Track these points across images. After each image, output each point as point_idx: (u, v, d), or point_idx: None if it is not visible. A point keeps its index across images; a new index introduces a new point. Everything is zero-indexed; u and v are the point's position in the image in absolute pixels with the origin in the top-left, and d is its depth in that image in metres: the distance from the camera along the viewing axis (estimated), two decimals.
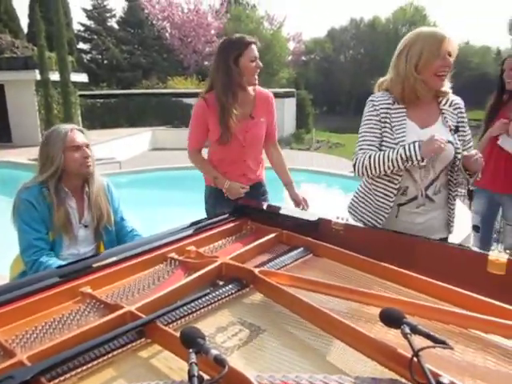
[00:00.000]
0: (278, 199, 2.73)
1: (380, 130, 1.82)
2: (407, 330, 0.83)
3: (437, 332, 0.92)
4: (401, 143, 1.76)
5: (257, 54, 2.29)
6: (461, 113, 1.88)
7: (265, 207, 1.87)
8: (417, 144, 1.70)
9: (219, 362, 0.73)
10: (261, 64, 2.30)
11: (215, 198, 2.44)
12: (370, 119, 1.85)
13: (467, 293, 1.11)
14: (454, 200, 1.90)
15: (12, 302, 1.15)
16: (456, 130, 1.83)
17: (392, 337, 0.97)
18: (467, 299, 1.10)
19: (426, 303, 1.11)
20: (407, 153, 1.71)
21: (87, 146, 1.94)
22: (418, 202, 1.84)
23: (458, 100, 1.89)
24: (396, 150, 1.74)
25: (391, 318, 0.90)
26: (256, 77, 2.32)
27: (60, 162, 1.85)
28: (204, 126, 2.36)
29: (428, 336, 0.82)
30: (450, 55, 1.73)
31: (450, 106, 1.86)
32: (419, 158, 1.69)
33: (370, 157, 1.80)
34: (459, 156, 1.80)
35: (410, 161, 1.71)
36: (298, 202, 2.48)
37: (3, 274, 2.05)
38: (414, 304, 1.09)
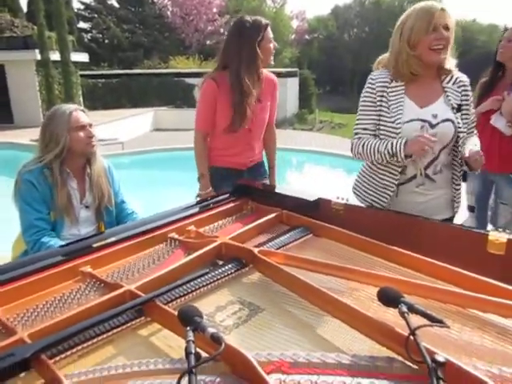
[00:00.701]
0: (279, 180, 2.73)
1: (376, 109, 1.81)
2: (404, 308, 0.84)
3: (434, 311, 0.92)
4: (397, 122, 1.74)
5: (272, 34, 2.33)
6: (465, 91, 1.82)
7: (265, 187, 1.87)
8: (403, 141, 1.69)
9: (216, 339, 0.74)
10: (276, 44, 2.36)
11: (221, 179, 2.44)
12: (366, 99, 1.84)
13: (466, 272, 1.11)
14: (459, 180, 1.88)
15: (13, 281, 1.16)
16: (458, 108, 1.78)
17: (390, 316, 0.98)
18: (466, 279, 1.11)
19: (424, 282, 1.11)
20: (393, 149, 1.71)
21: (90, 125, 1.94)
22: (417, 181, 1.82)
23: (464, 78, 1.83)
24: (384, 144, 1.74)
25: (389, 297, 0.90)
26: (272, 57, 2.34)
27: (65, 142, 1.84)
28: (213, 107, 2.33)
29: (425, 315, 0.82)
30: (446, 28, 1.68)
31: (453, 83, 1.81)
32: (403, 156, 1.69)
33: (362, 145, 1.82)
34: (461, 135, 1.77)
35: (395, 157, 1.72)
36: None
37: (6, 255, 2.06)
38: (411, 283, 1.09)
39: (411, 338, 0.78)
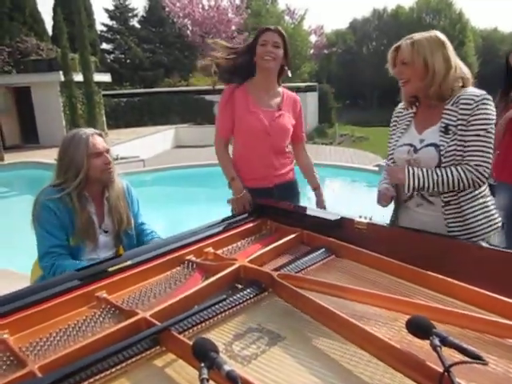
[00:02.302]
0: (304, 200, 2.64)
1: (392, 136, 1.90)
2: (437, 341, 0.77)
3: (469, 341, 0.85)
4: (393, 147, 1.83)
5: (269, 38, 2.26)
6: (466, 109, 1.63)
7: (285, 206, 1.81)
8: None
9: (232, 379, 0.69)
10: (270, 48, 2.24)
11: None
12: (390, 127, 1.95)
13: (503, 298, 1.03)
14: (448, 205, 1.71)
15: (27, 308, 1.14)
16: (445, 130, 1.66)
17: (420, 343, 0.91)
18: (504, 305, 1.02)
19: (457, 309, 1.03)
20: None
21: (107, 151, 1.90)
22: (416, 200, 1.78)
23: (469, 96, 1.64)
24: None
25: (419, 328, 0.83)
26: (269, 62, 2.26)
27: (85, 168, 1.83)
28: (229, 112, 2.32)
29: (460, 349, 0.75)
30: (403, 63, 1.70)
31: (454, 104, 1.67)
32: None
33: None
34: (445, 160, 1.65)
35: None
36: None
37: (28, 274, 2.06)
38: (443, 310, 1.02)
39: (445, 375, 0.71)
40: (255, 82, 2.35)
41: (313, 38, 27.13)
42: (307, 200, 2.71)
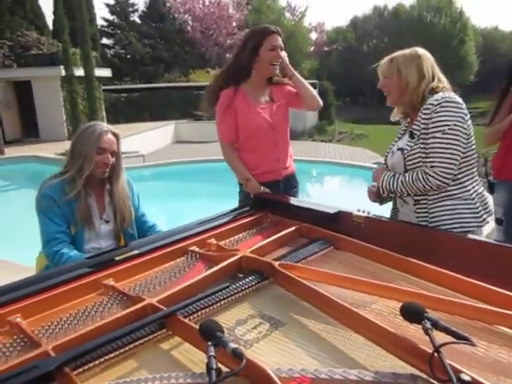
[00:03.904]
0: (303, 192, 2.70)
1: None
2: (428, 325, 0.82)
3: (459, 327, 0.90)
4: (388, 152, 1.98)
5: (277, 43, 2.27)
6: (426, 114, 1.71)
7: (285, 200, 1.87)
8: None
9: (237, 355, 0.74)
10: (280, 54, 2.28)
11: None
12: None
13: (493, 287, 1.08)
14: (418, 204, 1.80)
15: (38, 294, 1.19)
16: (411, 135, 1.79)
17: (413, 331, 0.96)
18: (493, 294, 1.07)
19: (448, 297, 1.09)
20: None
21: (113, 152, 1.95)
22: (398, 201, 1.92)
23: (430, 101, 1.71)
24: None
25: (412, 313, 0.88)
26: (277, 68, 2.31)
27: (90, 159, 1.88)
28: (230, 114, 2.33)
29: (450, 332, 0.80)
30: (384, 77, 1.88)
31: (420, 110, 1.76)
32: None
33: None
34: (409, 163, 1.77)
35: None
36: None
37: (32, 266, 2.11)
38: (435, 298, 1.07)
39: (435, 355, 0.77)
40: (251, 82, 2.36)
41: (313, 35, 27.16)
42: (306, 192, 2.74)
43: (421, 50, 1.83)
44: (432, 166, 1.69)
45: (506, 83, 2.79)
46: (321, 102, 2.46)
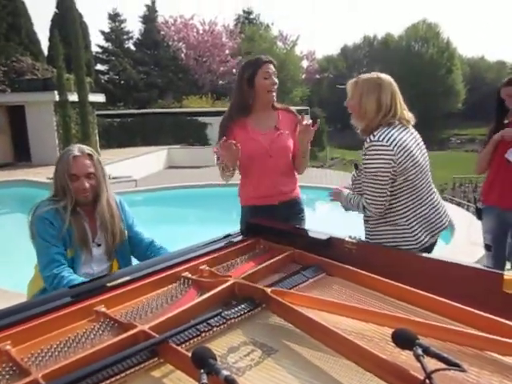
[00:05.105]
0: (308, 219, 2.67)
1: None
2: (419, 351, 0.83)
3: (451, 354, 0.90)
4: None
5: (271, 70, 2.36)
6: (363, 150, 1.95)
7: (277, 226, 1.88)
8: None
9: (230, 382, 0.74)
10: (275, 80, 2.36)
11: (255, 215, 2.37)
12: None
13: (482, 313, 1.10)
14: (366, 223, 2.06)
15: (28, 321, 1.18)
16: (355, 166, 2.07)
17: (405, 358, 0.96)
18: (483, 320, 1.09)
19: (439, 324, 1.09)
20: None
21: (88, 175, 1.91)
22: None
23: (367, 140, 1.92)
24: None
25: (404, 339, 0.89)
26: (273, 94, 2.37)
27: (68, 186, 1.88)
28: (228, 134, 2.35)
29: (441, 358, 0.81)
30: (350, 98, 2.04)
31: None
32: None
33: None
34: (356, 190, 2.05)
35: None
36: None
37: (23, 292, 2.07)
38: (427, 324, 1.08)
39: (427, 381, 0.77)
40: (255, 110, 2.42)
41: (305, 63, 27.73)
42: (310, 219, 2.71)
43: (384, 79, 1.93)
44: (365, 199, 1.94)
45: (497, 117, 2.84)
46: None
